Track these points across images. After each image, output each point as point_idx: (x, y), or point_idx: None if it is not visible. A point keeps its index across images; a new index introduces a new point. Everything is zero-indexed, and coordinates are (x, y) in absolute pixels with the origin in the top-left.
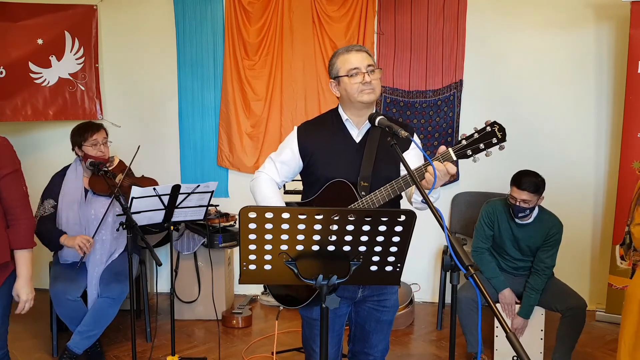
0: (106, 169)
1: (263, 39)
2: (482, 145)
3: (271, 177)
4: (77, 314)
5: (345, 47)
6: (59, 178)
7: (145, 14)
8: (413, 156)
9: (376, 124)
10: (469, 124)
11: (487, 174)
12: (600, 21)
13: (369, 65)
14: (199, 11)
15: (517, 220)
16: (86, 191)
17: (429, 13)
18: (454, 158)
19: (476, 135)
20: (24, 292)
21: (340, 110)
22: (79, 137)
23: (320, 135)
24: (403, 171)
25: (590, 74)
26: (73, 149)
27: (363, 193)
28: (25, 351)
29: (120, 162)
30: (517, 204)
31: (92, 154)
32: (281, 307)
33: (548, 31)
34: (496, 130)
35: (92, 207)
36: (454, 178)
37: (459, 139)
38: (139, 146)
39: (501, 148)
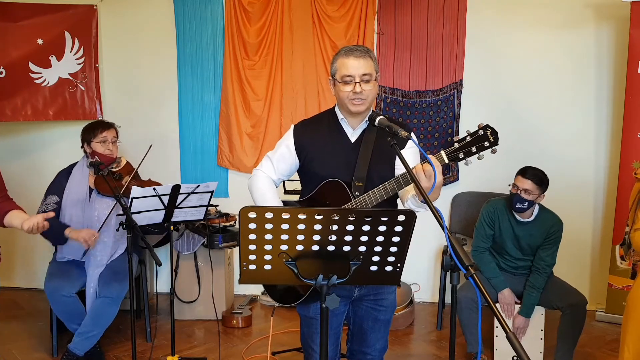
0: (112, 170)
1: (263, 39)
2: (474, 149)
3: (268, 175)
4: (72, 311)
5: (349, 48)
6: (64, 175)
7: (145, 14)
8: (409, 155)
9: (376, 123)
10: (469, 124)
11: (487, 173)
12: (600, 21)
13: (365, 75)
14: (199, 11)
15: (515, 214)
16: (91, 190)
17: (429, 13)
18: (446, 161)
19: (468, 139)
20: (27, 223)
21: (337, 110)
22: (88, 134)
23: (317, 134)
24: (397, 172)
25: (590, 74)
26: (82, 146)
27: (357, 193)
28: (25, 351)
29: (128, 163)
30: (518, 192)
31: (99, 151)
32: (276, 305)
33: (548, 31)
34: (488, 133)
35: (95, 207)
36: (454, 178)
37: (453, 141)
38: (150, 145)
39: (493, 151)
